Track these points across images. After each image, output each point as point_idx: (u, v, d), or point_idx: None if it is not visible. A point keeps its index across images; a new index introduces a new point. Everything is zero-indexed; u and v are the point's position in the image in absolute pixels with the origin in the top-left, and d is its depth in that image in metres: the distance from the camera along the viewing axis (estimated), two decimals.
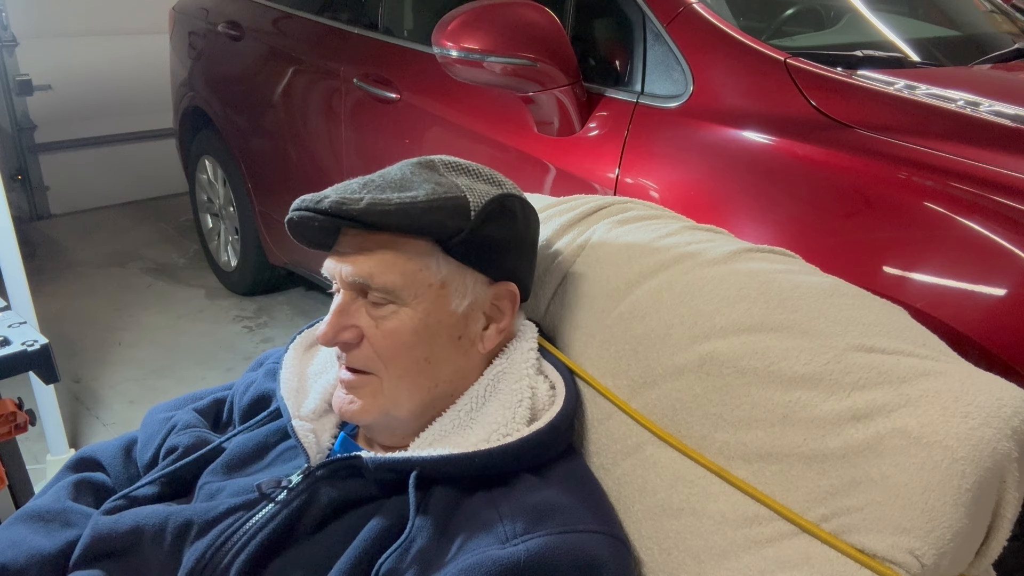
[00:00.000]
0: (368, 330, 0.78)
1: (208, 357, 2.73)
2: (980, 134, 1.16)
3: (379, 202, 0.75)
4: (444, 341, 0.80)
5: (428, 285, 0.78)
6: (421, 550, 0.69)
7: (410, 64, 2.00)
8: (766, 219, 1.24)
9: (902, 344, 0.74)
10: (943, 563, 0.64)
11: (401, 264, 0.77)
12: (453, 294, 0.79)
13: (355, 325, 0.78)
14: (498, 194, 0.81)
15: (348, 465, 0.76)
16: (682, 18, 1.47)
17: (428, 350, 0.79)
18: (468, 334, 0.81)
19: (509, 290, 0.84)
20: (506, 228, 0.82)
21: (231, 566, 0.71)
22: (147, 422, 0.96)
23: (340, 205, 0.75)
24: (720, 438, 0.75)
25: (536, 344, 0.86)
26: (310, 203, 0.76)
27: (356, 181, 0.80)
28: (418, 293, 0.77)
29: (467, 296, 0.80)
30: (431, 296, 0.78)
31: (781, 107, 1.31)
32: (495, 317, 0.83)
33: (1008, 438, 0.65)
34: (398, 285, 0.77)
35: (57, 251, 3.70)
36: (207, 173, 3.17)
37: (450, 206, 0.77)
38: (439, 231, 0.77)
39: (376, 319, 0.78)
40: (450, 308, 0.79)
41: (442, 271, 0.78)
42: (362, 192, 0.77)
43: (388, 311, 0.77)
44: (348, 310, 0.78)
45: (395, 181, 0.79)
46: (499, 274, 0.83)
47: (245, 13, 2.74)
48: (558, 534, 0.67)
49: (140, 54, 4.10)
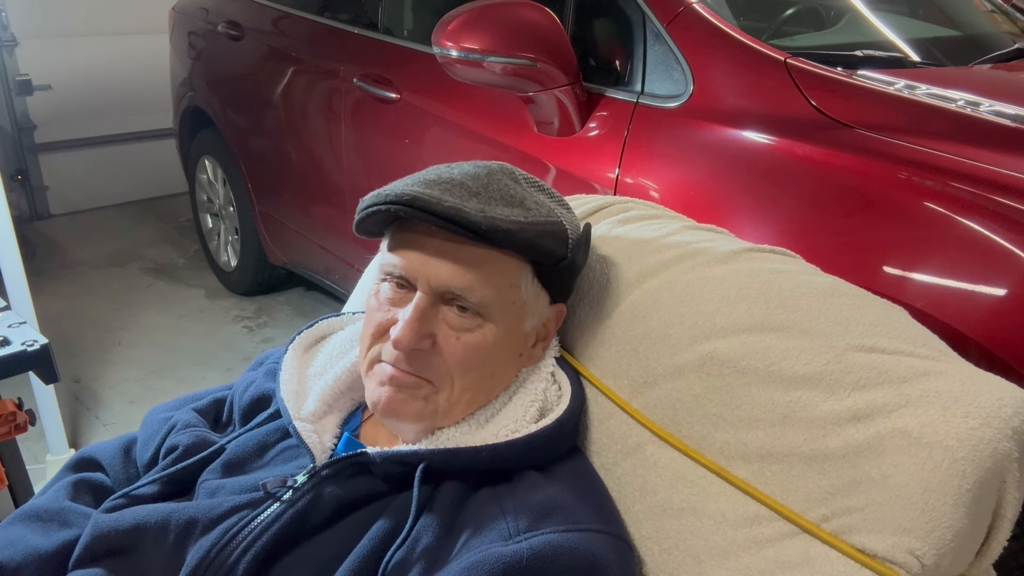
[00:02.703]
0: (445, 339, 0.76)
1: (208, 357, 2.73)
2: (980, 134, 1.16)
3: (499, 218, 0.74)
4: (509, 357, 0.80)
5: (513, 304, 0.78)
6: (427, 546, 0.69)
7: (410, 64, 2.00)
8: (766, 219, 1.24)
9: (902, 344, 0.74)
10: (943, 563, 0.64)
11: (497, 280, 0.76)
12: (529, 314, 0.81)
13: (432, 333, 0.76)
14: (587, 223, 0.86)
15: (354, 463, 0.75)
16: (682, 18, 1.47)
17: (497, 366, 0.79)
18: (526, 351, 0.83)
19: (560, 311, 0.87)
20: (585, 257, 0.86)
21: (237, 564, 0.71)
22: (147, 422, 0.96)
23: (460, 212, 0.72)
24: (720, 438, 0.75)
25: (558, 353, 0.87)
26: (424, 203, 0.72)
27: (444, 181, 0.76)
28: (505, 311, 0.77)
29: (537, 316, 0.82)
30: (514, 314, 0.79)
31: (781, 107, 1.31)
32: (543, 335, 0.85)
33: (1008, 438, 0.65)
34: (492, 301, 0.76)
35: (57, 251, 3.70)
36: (207, 173, 3.17)
37: (556, 232, 0.79)
38: (547, 256, 0.78)
39: (457, 330, 0.76)
40: (523, 327, 0.80)
41: (528, 292, 0.79)
42: (466, 198, 0.74)
43: (473, 324, 0.76)
44: (427, 316, 0.75)
45: (499, 192, 0.77)
46: (562, 297, 0.86)
47: (245, 13, 2.74)
48: (562, 532, 0.67)
49: (140, 54, 4.10)
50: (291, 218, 2.65)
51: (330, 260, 2.51)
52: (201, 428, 0.91)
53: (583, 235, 0.84)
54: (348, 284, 2.39)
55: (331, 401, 0.86)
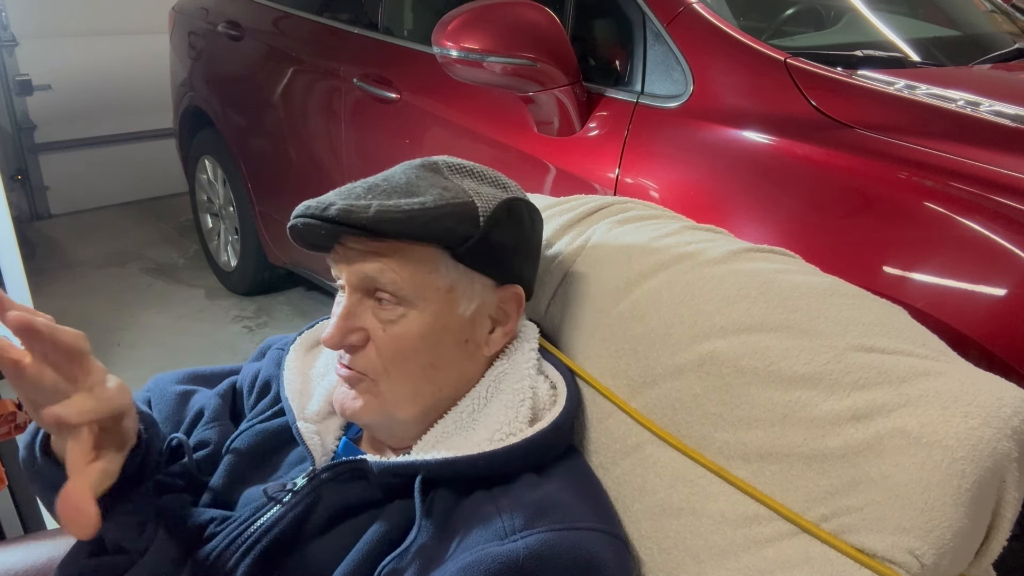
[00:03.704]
0: (374, 333, 0.77)
1: (208, 357, 2.73)
2: (980, 134, 1.16)
3: (387, 209, 0.74)
4: (450, 345, 0.79)
5: (436, 289, 0.77)
6: (422, 548, 0.69)
7: (410, 64, 2.00)
8: (766, 219, 1.24)
9: (902, 344, 0.74)
10: (943, 563, 0.64)
11: (411, 267, 0.76)
12: (461, 298, 0.79)
13: (362, 327, 0.77)
14: (505, 198, 0.81)
15: (353, 468, 0.75)
16: (682, 18, 1.47)
17: (434, 355, 0.78)
18: (474, 338, 0.81)
19: (515, 293, 0.84)
20: (514, 232, 0.82)
21: (237, 567, 0.71)
22: (157, 394, 0.95)
23: (348, 213, 0.73)
24: (720, 438, 0.75)
25: (537, 344, 0.86)
26: (315, 210, 0.75)
27: (360, 185, 0.79)
28: (427, 297, 0.77)
29: (474, 300, 0.80)
30: (439, 300, 0.78)
31: (781, 107, 1.31)
32: (501, 320, 0.83)
33: (1008, 438, 0.65)
34: (407, 288, 0.76)
35: (57, 251, 3.70)
36: (207, 173, 3.17)
37: (459, 212, 0.77)
38: (448, 238, 0.77)
39: (383, 322, 0.77)
40: (457, 312, 0.79)
41: (450, 275, 0.78)
42: (368, 197, 0.76)
43: (396, 314, 0.77)
44: (355, 312, 0.77)
45: (401, 186, 0.78)
46: (506, 278, 0.83)
47: (245, 13, 2.74)
48: (558, 531, 0.67)
49: (140, 54, 4.10)
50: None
51: None
52: (226, 421, 0.91)
53: (499, 209, 0.79)
54: None
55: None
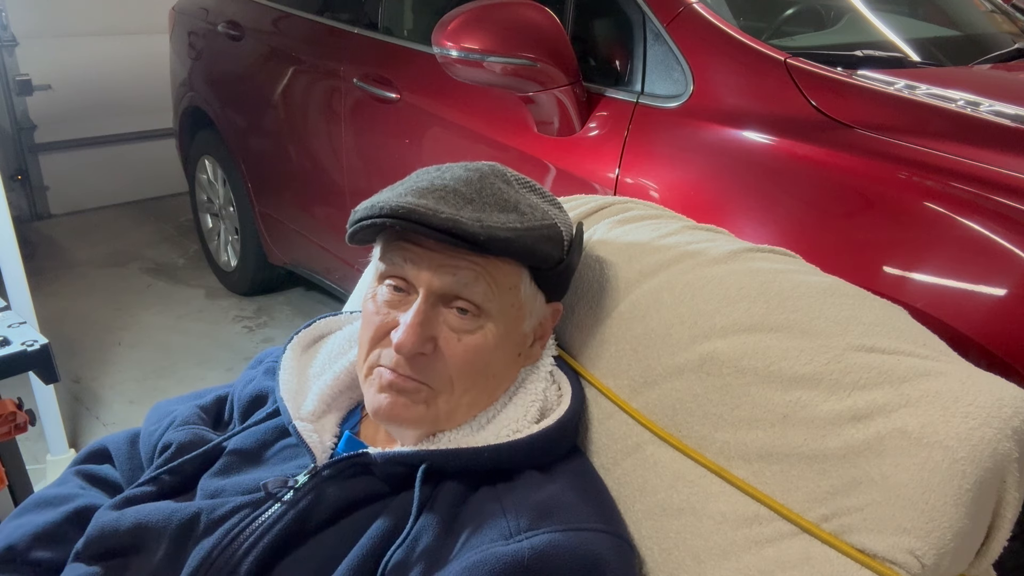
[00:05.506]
0: (447, 342, 0.75)
1: (208, 357, 2.73)
2: (980, 134, 1.16)
3: (495, 227, 0.73)
4: (510, 358, 0.81)
5: (512, 305, 0.78)
6: (427, 546, 0.69)
7: (410, 64, 2.00)
8: (766, 219, 1.23)
9: (902, 344, 0.74)
10: (943, 563, 0.64)
11: (498, 281, 0.76)
12: (527, 315, 0.81)
13: (433, 336, 0.75)
14: (579, 223, 0.87)
15: (355, 463, 0.75)
16: (682, 18, 1.47)
17: (498, 367, 0.79)
18: (525, 351, 0.83)
19: (557, 310, 0.87)
20: (579, 256, 0.86)
21: (240, 565, 0.71)
22: (150, 417, 0.96)
23: (457, 224, 0.71)
24: (720, 438, 0.75)
25: (556, 353, 0.88)
26: (419, 216, 0.70)
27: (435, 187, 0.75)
28: (504, 312, 0.78)
29: (535, 316, 0.82)
30: (512, 315, 0.79)
31: (781, 107, 1.31)
32: (541, 334, 0.85)
33: (1008, 438, 0.65)
34: (495, 302, 0.76)
35: (57, 251, 3.70)
36: (207, 173, 3.16)
37: (552, 236, 0.79)
38: (544, 260, 0.79)
39: (459, 332, 0.75)
40: (522, 328, 0.81)
41: (526, 293, 0.80)
42: (461, 206, 0.73)
43: (475, 325, 0.76)
44: (430, 320, 0.75)
45: (494, 198, 0.76)
46: (558, 296, 0.86)
47: (245, 13, 2.74)
48: (562, 531, 0.67)
49: (140, 54, 4.10)
50: (291, 218, 2.65)
51: (330, 260, 2.51)
52: (198, 426, 0.90)
53: (577, 235, 0.85)
54: (348, 284, 2.39)
55: (330, 400, 0.86)
